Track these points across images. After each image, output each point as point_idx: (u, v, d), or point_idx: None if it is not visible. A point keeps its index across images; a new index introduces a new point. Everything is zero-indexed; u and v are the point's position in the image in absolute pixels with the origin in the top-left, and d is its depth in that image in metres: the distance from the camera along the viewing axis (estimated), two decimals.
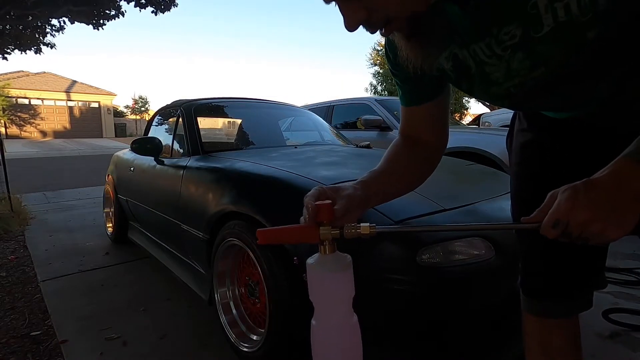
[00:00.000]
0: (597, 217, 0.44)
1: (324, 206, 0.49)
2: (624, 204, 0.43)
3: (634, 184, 0.43)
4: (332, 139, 2.61)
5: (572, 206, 0.45)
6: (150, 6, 6.54)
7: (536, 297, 0.69)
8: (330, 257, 0.49)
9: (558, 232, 0.46)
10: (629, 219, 0.43)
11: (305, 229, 0.49)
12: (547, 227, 0.47)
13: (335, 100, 4.63)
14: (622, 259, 2.23)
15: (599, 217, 0.44)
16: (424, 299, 0.98)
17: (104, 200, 3.24)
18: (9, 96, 18.50)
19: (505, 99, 0.58)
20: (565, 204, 0.45)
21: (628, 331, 1.51)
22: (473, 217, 1.13)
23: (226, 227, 1.41)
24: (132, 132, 24.71)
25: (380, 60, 15.33)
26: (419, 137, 0.71)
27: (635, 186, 0.43)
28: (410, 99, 0.69)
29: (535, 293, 0.69)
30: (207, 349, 1.49)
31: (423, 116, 0.70)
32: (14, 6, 5.46)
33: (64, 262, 2.54)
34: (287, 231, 0.51)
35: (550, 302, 0.68)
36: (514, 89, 0.54)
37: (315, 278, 0.49)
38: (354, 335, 0.50)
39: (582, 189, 0.45)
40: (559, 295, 0.67)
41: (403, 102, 0.71)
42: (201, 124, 2.13)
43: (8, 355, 1.48)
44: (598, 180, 0.45)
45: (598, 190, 0.45)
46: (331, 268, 0.48)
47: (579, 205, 0.44)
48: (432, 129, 0.71)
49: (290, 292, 1.15)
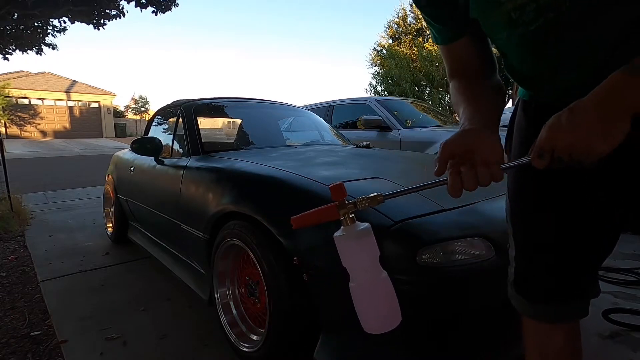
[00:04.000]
0: (580, 137, 0.45)
1: (336, 187, 0.57)
2: (614, 115, 0.44)
3: (627, 93, 0.43)
4: (332, 139, 2.62)
5: (554, 134, 0.46)
6: (151, 6, 6.55)
7: (529, 300, 0.68)
8: (351, 228, 0.57)
9: (546, 161, 0.48)
10: (617, 129, 0.44)
11: (327, 209, 0.58)
12: (534, 159, 0.49)
13: (335, 100, 4.63)
14: (622, 259, 2.23)
15: (580, 136, 0.45)
16: (424, 299, 0.98)
17: (104, 200, 3.24)
18: (9, 96, 18.49)
19: (504, 28, 0.56)
20: (547, 134, 0.47)
21: (628, 331, 1.51)
22: (473, 217, 1.13)
23: (226, 227, 1.41)
24: (132, 132, 24.71)
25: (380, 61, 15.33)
26: (466, 71, 0.71)
27: (628, 96, 0.43)
28: (444, 37, 0.70)
29: (528, 296, 0.68)
30: (207, 349, 1.49)
31: (462, 51, 0.70)
32: (14, 6, 5.46)
33: (64, 262, 2.54)
34: (314, 214, 0.59)
35: (544, 307, 0.67)
36: (514, 13, 0.53)
37: (343, 247, 0.57)
38: (387, 287, 0.58)
39: (565, 113, 0.46)
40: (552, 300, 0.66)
41: (439, 41, 0.71)
42: (201, 124, 2.13)
43: (8, 355, 1.48)
44: (582, 101, 0.46)
45: (581, 111, 0.45)
46: (354, 236, 0.57)
47: (561, 131, 0.46)
48: (476, 61, 0.70)
49: (290, 292, 1.15)
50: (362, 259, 0.57)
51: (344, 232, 0.58)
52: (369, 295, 0.58)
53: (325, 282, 1.09)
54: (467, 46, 0.69)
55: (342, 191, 0.57)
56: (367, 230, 0.57)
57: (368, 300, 0.58)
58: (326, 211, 0.58)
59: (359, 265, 0.58)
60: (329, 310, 1.13)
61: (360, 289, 0.58)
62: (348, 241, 0.57)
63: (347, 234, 0.57)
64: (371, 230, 0.58)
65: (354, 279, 0.58)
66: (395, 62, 14.37)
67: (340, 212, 0.57)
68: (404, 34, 16.00)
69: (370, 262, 0.58)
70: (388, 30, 16.53)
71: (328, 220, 0.58)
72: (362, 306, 0.59)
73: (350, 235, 0.57)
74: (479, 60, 0.70)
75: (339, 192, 0.57)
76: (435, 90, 12.82)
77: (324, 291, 1.11)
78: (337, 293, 1.08)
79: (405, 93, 12.30)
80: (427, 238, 0.99)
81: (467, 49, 0.69)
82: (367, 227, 0.58)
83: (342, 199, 0.57)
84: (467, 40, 0.68)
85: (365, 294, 0.58)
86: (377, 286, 0.58)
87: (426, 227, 1.03)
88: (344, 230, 0.58)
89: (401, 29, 16.12)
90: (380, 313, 0.59)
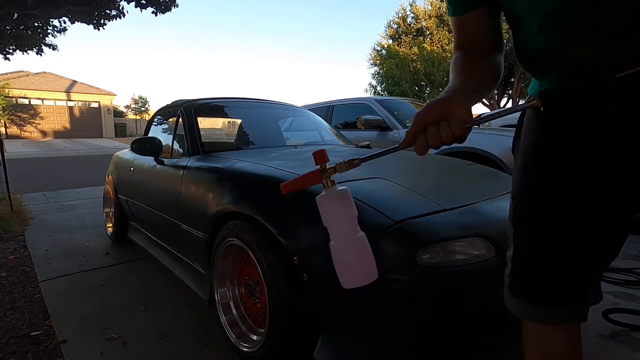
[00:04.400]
0: None
1: (318, 153, 0.63)
2: None
3: None
4: (332, 139, 2.62)
5: None
6: (151, 6, 6.54)
7: (529, 301, 0.67)
8: (332, 189, 0.64)
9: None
10: None
11: (311, 174, 0.64)
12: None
13: (335, 100, 4.63)
14: (623, 259, 2.23)
15: None
16: (424, 299, 0.98)
17: (104, 200, 3.24)
18: (9, 96, 18.49)
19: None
20: None
21: (628, 331, 1.51)
22: (473, 217, 1.13)
23: (226, 227, 1.41)
24: (132, 132, 24.70)
25: (381, 61, 15.33)
26: (472, 46, 0.72)
27: None
28: (457, 8, 0.71)
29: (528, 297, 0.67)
30: (207, 349, 1.49)
31: (472, 25, 0.72)
32: (14, 6, 5.46)
33: (64, 262, 2.54)
34: (301, 179, 0.65)
35: (544, 308, 0.66)
36: None
37: (325, 207, 0.64)
38: (363, 245, 0.64)
39: None
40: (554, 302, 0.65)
41: (451, 12, 0.73)
42: (201, 124, 2.13)
43: (8, 355, 1.48)
44: None
45: None
46: (334, 196, 0.63)
47: None
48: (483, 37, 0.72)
49: (290, 292, 1.15)
50: (341, 218, 0.63)
51: (325, 194, 0.64)
52: (347, 252, 0.64)
53: (325, 282, 1.09)
54: (478, 20, 0.71)
55: (324, 157, 0.63)
56: (346, 191, 0.64)
57: (346, 257, 0.64)
58: (311, 176, 0.64)
59: (338, 224, 0.64)
60: (329, 310, 1.13)
61: (338, 246, 0.64)
62: (329, 201, 0.63)
63: (328, 194, 0.64)
64: (350, 192, 0.64)
65: (333, 238, 0.64)
66: (395, 63, 14.37)
67: (322, 176, 0.64)
68: (404, 34, 16.01)
69: (348, 222, 0.64)
70: (388, 30, 16.55)
71: (313, 184, 0.64)
72: (340, 263, 0.65)
73: (330, 195, 0.63)
74: (487, 36, 0.72)
75: (321, 157, 0.63)
76: (436, 90, 12.82)
77: (324, 291, 1.11)
78: (337, 293, 1.08)
79: (405, 93, 12.29)
80: (427, 238, 0.99)
81: (478, 23, 0.71)
82: (346, 189, 0.64)
83: (324, 164, 0.63)
84: (480, 13, 0.70)
85: (343, 251, 0.64)
86: (355, 244, 0.64)
87: (426, 227, 1.03)
88: (326, 191, 0.64)
89: (401, 29, 16.14)
90: (357, 268, 0.65)
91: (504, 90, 16.84)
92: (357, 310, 1.05)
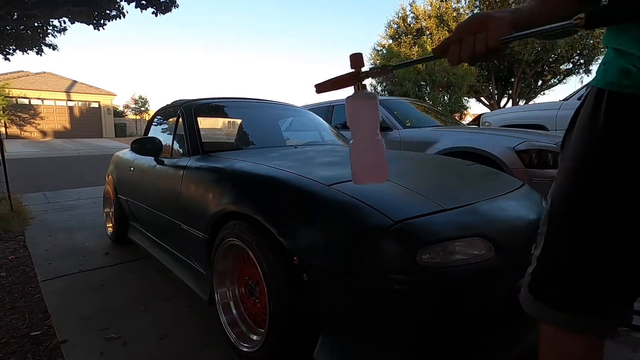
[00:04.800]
0: None
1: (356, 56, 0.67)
2: None
3: None
4: (332, 139, 2.62)
5: None
6: (151, 7, 6.54)
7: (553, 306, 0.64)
8: (361, 92, 0.69)
9: None
10: None
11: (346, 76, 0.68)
12: None
13: (335, 100, 4.63)
14: None
15: None
16: (424, 299, 0.98)
17: (104, 200, 3.24)
18: (9, 96, 18.48)
19: None
20: None
21: (628, 331, 1.51)
22: (473, 217, 1.13)
23: (226, 227, 1.41)
24: (132, 132, 24.69)
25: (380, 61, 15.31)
26: None
27: None
28: None
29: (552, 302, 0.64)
30: (207, 349, 1.49)
31: None
32: (14, 6, 5.46)
33: (64, 262, 2.54)
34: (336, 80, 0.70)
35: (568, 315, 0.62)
36: None
37: (353, 107, 0.69)
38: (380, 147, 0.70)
39: None
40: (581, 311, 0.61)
41: None
42: (201, 124, 2.13)
43: (8, 355, 1.48)
44: None
45: None
46: (363, 97, 0.69)
47: None
48: None
49: (290, 292, 1.15)
50: (365, 119, 0.69)
51: (355, 95, 0.69)
52: (365, 151, 0.70)
53: (325, 282, 1.09)
54: None
55: (360, 61, 0.67)
56: (374, 95, 0.70)
57: (363, 156, 0.70)
58: (345, 77, 0.69)
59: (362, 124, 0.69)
60: (329, 310, 1.13)
61: (358, 144, 0.70)
62: (358, 101, 0.69)
63: (357, 95, 0.69)
64: (377, 97, 0.70)
65: (354, 137, 0.70)
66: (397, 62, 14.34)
67: (356, 78, 0.68)
68: (404, 34, 16.00)
69: (372, 123, 0.69)
70: (388, 30, 16.54)
71: (346, 86, 0.69)
72: (357, 160, 0.71)
73: (360, 96, 0.69)
74: None
75: (358, 61, 0.67)
76: (436, 90, 12.80)
77: (324, 291, 1.11)
78: (337, 293, 1.08)
79: (407, 93, 12.28)
80: (427, 238, 0.99)
81: None
82: (374, 93, 0.70)
83: (359, 69, 0.67)
84: None
85: (362, 150, 0.70)
86: (372, 144, 0.70)
87: (426, 227, 1.03)
88: (355, 93, 0.69)
89: (401, 29, 16.13)
90: (371, 167, 0.71)
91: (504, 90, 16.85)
92: (357, 310, 1.05)
